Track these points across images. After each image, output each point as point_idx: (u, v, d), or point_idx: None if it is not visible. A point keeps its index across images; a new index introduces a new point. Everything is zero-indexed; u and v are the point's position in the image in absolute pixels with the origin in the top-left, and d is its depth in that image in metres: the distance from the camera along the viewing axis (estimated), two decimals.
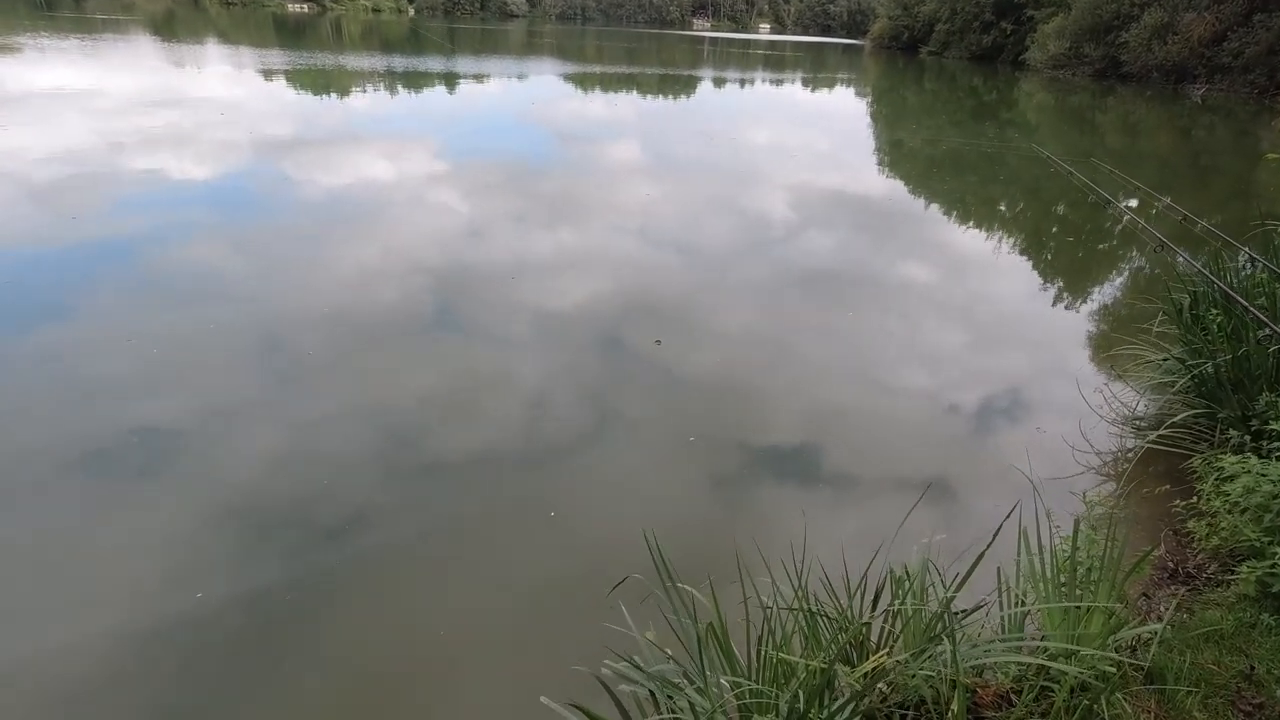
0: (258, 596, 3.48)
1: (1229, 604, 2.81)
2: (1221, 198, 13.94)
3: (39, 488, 4.16)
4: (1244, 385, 3.97)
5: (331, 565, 3.69)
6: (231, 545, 3.81)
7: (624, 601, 2.74)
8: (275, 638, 3.31)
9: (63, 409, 4.90)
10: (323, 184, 11.04)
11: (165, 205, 9.53)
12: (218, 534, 3.88)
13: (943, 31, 58.08)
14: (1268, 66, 32.01)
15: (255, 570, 3.63)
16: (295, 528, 3.94)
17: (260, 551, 3.77)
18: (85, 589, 3.55)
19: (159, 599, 3.49)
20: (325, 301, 6.84)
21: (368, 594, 3.57)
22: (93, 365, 5.49)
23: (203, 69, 25.84)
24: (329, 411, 5.05)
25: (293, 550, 3.78)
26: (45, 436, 4.59)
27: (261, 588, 3.53)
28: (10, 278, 7.03)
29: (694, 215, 10.67)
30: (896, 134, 21.72)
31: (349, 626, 3.39)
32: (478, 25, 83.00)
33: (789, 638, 2.59)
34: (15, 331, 5.96)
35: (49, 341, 5.84)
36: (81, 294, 6.75)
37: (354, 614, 3.45)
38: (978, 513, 4.21)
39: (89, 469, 4.35)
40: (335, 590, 3.56)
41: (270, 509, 4.08)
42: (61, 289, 6.83)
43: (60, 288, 6.86)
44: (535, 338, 6.40)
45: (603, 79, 32.01)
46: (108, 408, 4.97)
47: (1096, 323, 7.55)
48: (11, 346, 5.72)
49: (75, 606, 3.45)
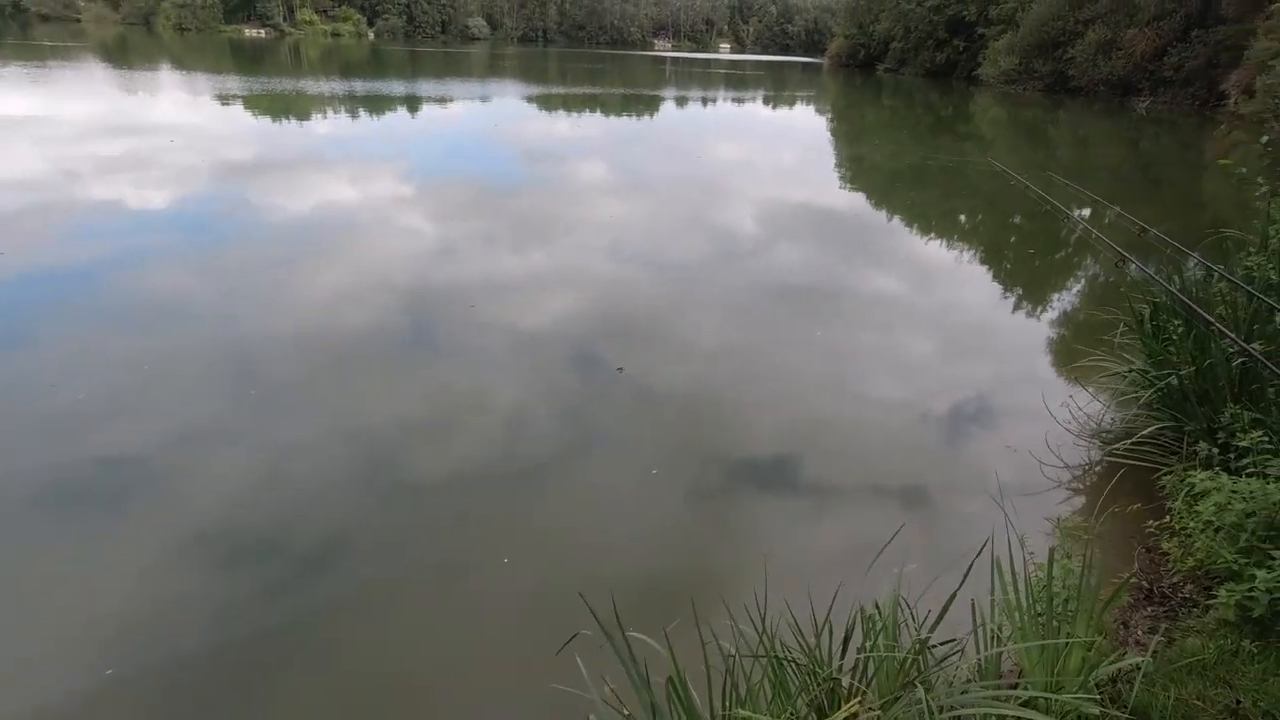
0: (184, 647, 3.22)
1: (1209, 631, 2.71)
2: (1171, 207, 14.28)
3: (6, 516, 3.94)
4: (1209, 397, 3.93)
5: (280, 613, 3.43)
6: (187, 581, 3.60)
7: (579, 655, 2.55)
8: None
9: (23, 440, 4.65)
10: (287, 208, 10.76)
11: (124, 232, 9.20)
12: (181, 566, 3.69)
13: (898, 49, 59.41)
14: (1207, 79, 33.22)
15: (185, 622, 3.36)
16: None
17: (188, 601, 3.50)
18: (47, 627, 3.32)
19: (128, 633, 3.29)
20: (291, 326, 6.61)
21: (306, 651, 3.32)
22: (53, 395, 5.20)
23: (158, 95, 25.29)
24: (288, 441, 4.82)
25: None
26: (3, 469, 4.34)
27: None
28: None
29: (662, 233, 10.59)
30: (858, 149, 22.01)
31: (287, 689, 3.13)
32: (439, 48, 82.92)
33: (754, 690, 2.42)
34: None
35: (8, 371, 5.57)
36: (39, 323, 6.47)
37: (290, 675, 3.20)
38: (949, 535, 4.09)
39: (50, 502, 4.12)
40: (275, 644, 3.31)
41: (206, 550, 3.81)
42: (19, 318, 6.55)
43: (18, 317, 6.57)
44: (503, 361, 6.21)
45: (567, 100, 32.05)
46: (69, 438, 4.72)
47: (1059, 333, 7.58)
48: None
49: (36, 644, 3.21)
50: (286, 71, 39.18)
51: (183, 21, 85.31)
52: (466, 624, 3.50)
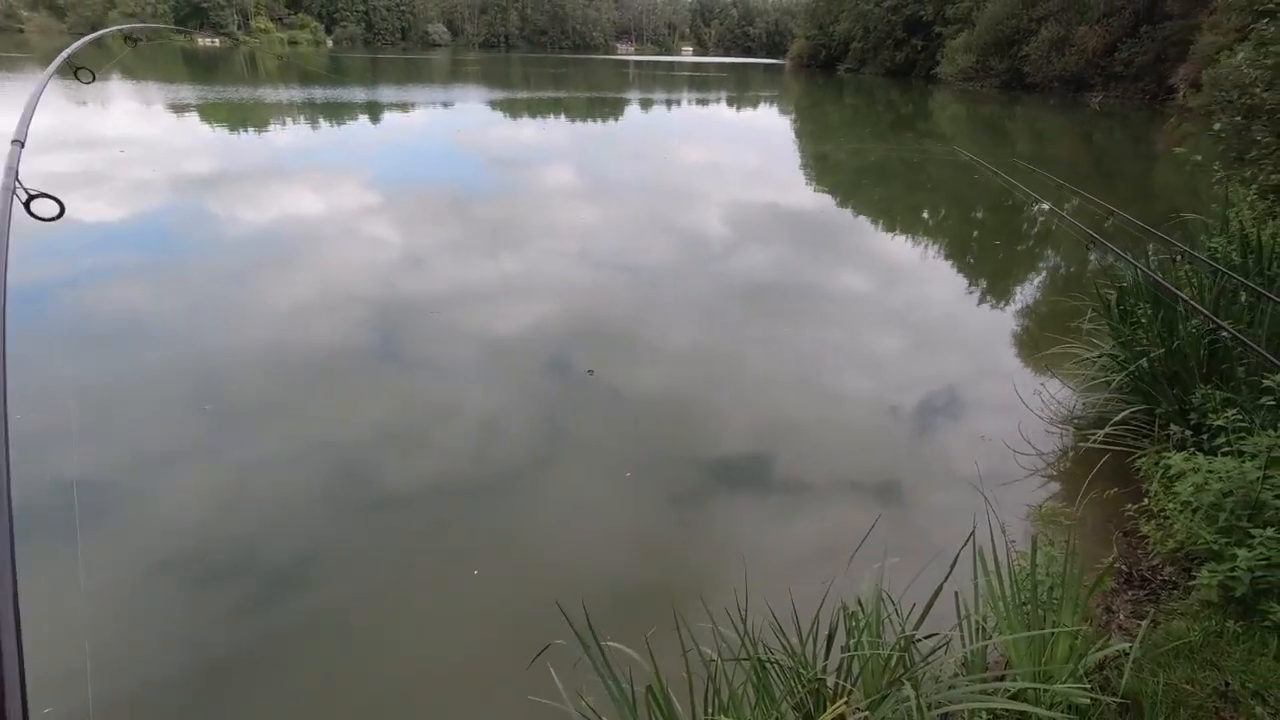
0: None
1: (1193, 613, 2.69)
2: (1127, 197, 14.57)
3: None
4: (1179, 378, 3.95)
5: (235, 637, 3.26)
6: (152, 605, 3.44)
7: (555, 667, 2.43)
8: None
9: None
10: (248, 221, 10.45)
11: (75, 250, 8.82)
12: (144, 590, 3.54)
13: (858, 49, 60.18)
14: (1156, 74, 34.15)
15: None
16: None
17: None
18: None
19: (93, 660, 3.06)
20: (254, 341, 6.40)
21: (276, 671, 3.16)
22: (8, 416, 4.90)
23: (109, 106, 24.53)
24: (252, 458, 4.64)
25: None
26: None
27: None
28: None
29: (630, 236, 10.50)
30: (822, 148, 22.17)
31: (256, 709, 2.97)
32: (400, 55, 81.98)
33: (737, 694, 2.33)
34: None
35: None
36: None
37: (259, 696, 3.03)
38: (927, 528, 4.05)
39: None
40: (244, 665, 3.14)
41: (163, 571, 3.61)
42: None
43: None
44: (472, 368, 6.07)
45: (531, 104, 31.85)
46: (25, 461, 4.42)
47: (1027, 323, 7.64)
48: None
49: None
50: (243, 80, 38.37)
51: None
52: (438, 639, 3.36)
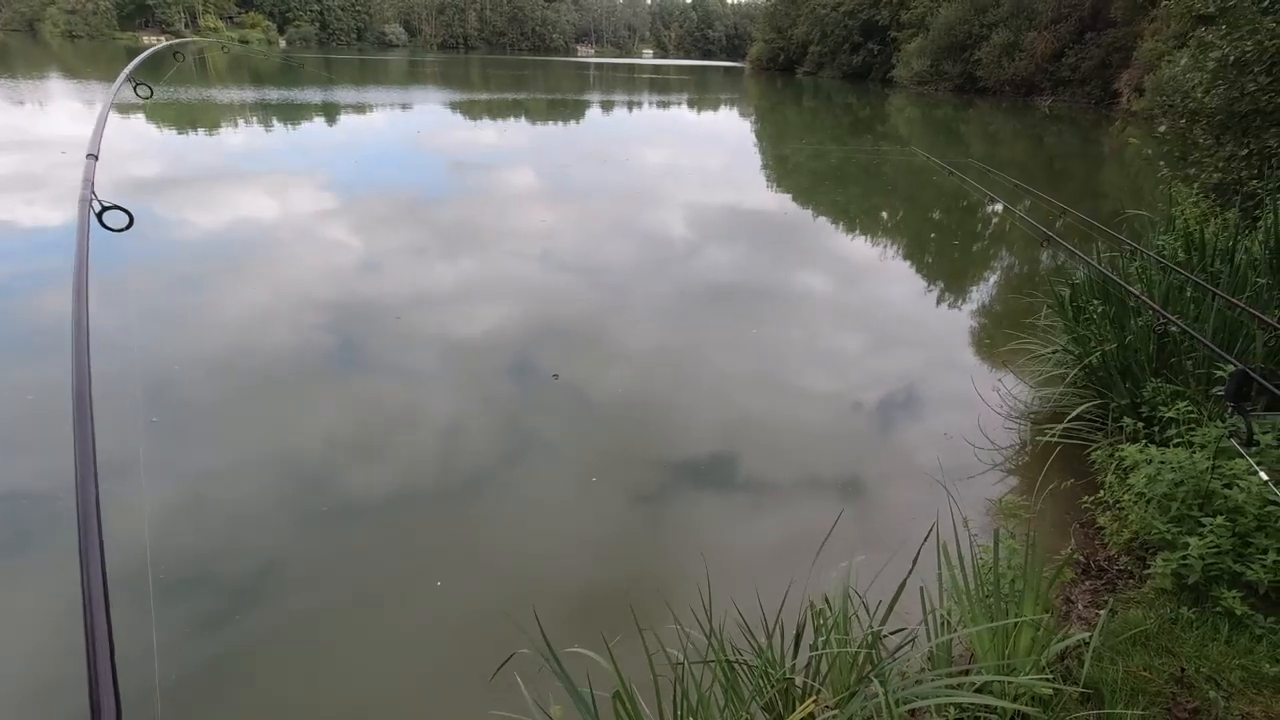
0: None
1: (1148, 600, 2.75)
2: (1075, 197, 15.02)
3: None
4: (1131, 372, 4.06)
5: (190, 656, 3.12)
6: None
7: (521, 677, 2.38)
8: None
9: None
10: (200, 225, 10.09)
11: (17, 254, 8.42)
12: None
13: (816, 53, 61.07)
14: (1101, 79, 35.35)
15: None
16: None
17: None
18: None
19: (42, 685, 3.01)
20: (207, 349, 6.18)
21: (232, 690, 3.03)
22: None
23: (47, 105, 23.59)
24: (205, 470, 4.47)
25: None
26: None
27: None
28: None
29: (593, 239, 10.44)
30: (782, 150, 22.40)
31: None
32: (355, 55, 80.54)
33: (706, 696, 2.30)
34: None
35: None
36: None
37: (204, 709, 2.91)
38: (890, 523, 4.09)
39: None
40: (197, 684, 3.01)
41: None
42: None
43: None
44: (434, 373, 5.95)
45: (491, 106, 31.56)
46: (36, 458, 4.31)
47: (983, 320, 7.80)
48: None
49: None
50: (192, 80, 37.27)
51: (73, 28, 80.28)
52: (400, 652, 3.27)
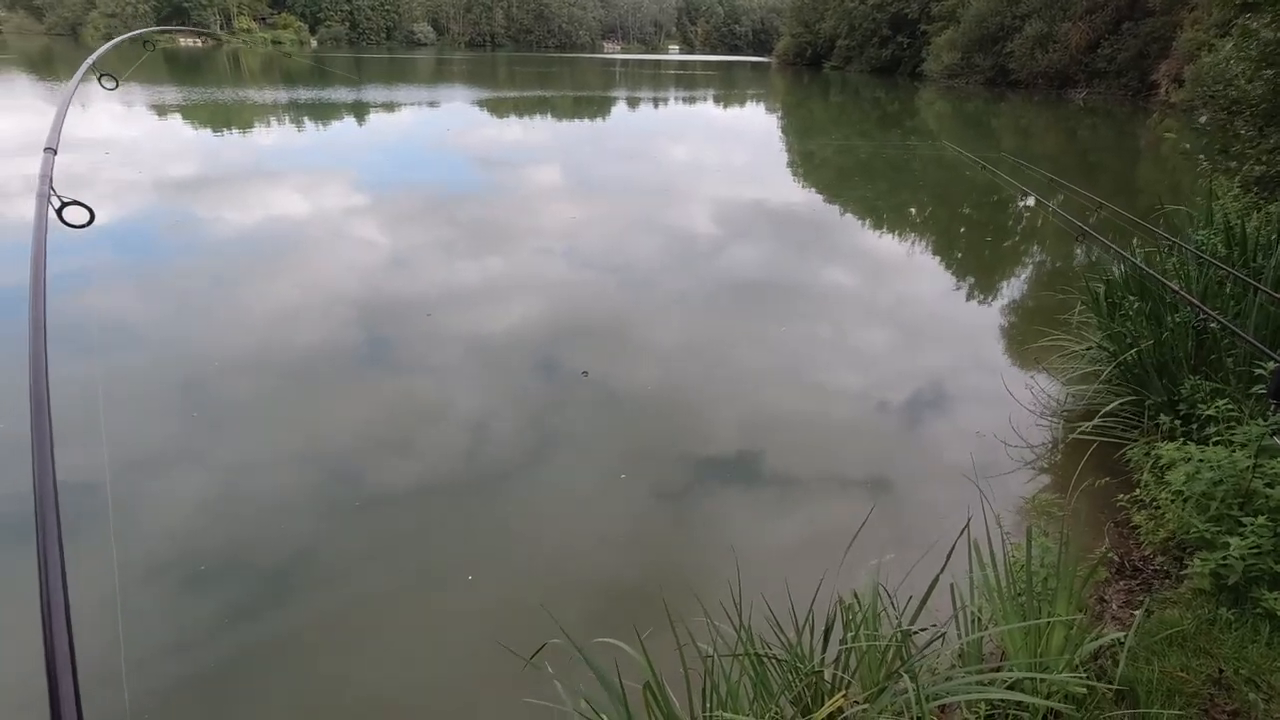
0: None
1: (1185, 601, 2.71)
2: (1111, 192, 14.71)
3: None
4: (1168, 369, 3.98)
5: (229, 645, 3.22)
6: (141, 613, 3.38)
7: (552, 666, 2.42)
8: None
9: None
10: (236, 223, 10.33)
11: (60, 252, 8.66)
12: (134, 598, 3.47)
13: (844, 47, 60.46)
14: (1139, 70, 34.51)
15: None
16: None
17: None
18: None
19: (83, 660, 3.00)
20: (243, 344, 6.33)
21: (270, 679, 3.12)
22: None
23: (90, 107, 24.23)
24: (244, 463, 4.59)
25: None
26: None
27: None
28: None
29: (619, 235, 10.47)
30: (809, 145, 22.23)
31: (242, 710, 2.93)
32: (385, 54, 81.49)
33: (735, 688, 2.32)
34: None
35: None
36: None
37: (253, 705, 2.99)
38: (921, 522, 4.06)
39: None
40: (236, 673, 3.10)
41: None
42: None
43: None
44: (465, 370, 6.02)
45: (518, 103, 31.74)
46: (10, 465, 4.34)
47: (1015, 317, 7.68)
48: None
49: None
50: (227, 81, 38.02)
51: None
52: (434, 643, 3.33)
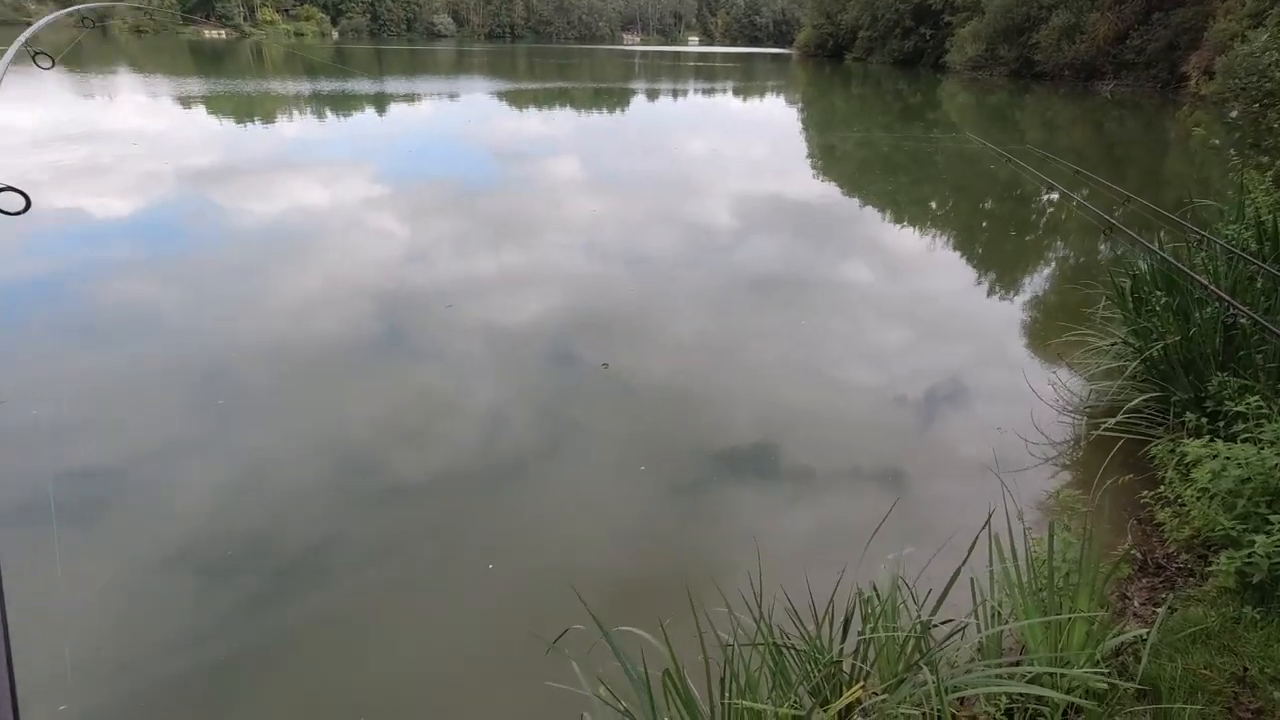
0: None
1: (1210, 599, 2.69)
2: (1138, 186, 14.45)
3: None
4: (1195, 365, 3.93)
5: (254, 631, 3.29)
6: (166, 597, 3.47)
7: (572, 653, 2.45)
8: None
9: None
10: (256, 213, 10.47)
11: (86, 241, 8.88)
12: (158, 583, 3.55)
13: (865, 38, 59.77)
14: (1168, 62, 33.77)
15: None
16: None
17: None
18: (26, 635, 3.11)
19: (107, 646, 3.18)
20: (267, 333, 6.42)
21: (293, 662, 3.18)
22: (16, 408, 4.97)
23: (116, 99, 24.60)
24: (268, 451, 4.66)
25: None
26: None
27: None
28: None
29: (639, 228, 10.48)
30: (829, 138, 22.04)
31: (260, 699, 3.00)
32: (405, 46, 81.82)
33: (754, 678, 2.34)
34: None
35: None
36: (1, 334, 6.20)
37: (264, 690, 3.06)
38: (940, 515, 4.04)
39: (17, 517, 3.96)
40: (260, 657, 3.17)
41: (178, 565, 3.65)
42: None
43: None
44: (486, 362, 6.07)
45: (537, 95, 31.76)
46: (36, 451, 4.52)
47: (1037, 311, 7.60)
48: None
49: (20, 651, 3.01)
50: (250, 73, 38.38)
51: (140, 23, 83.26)
52: (455, 629, 3.39)
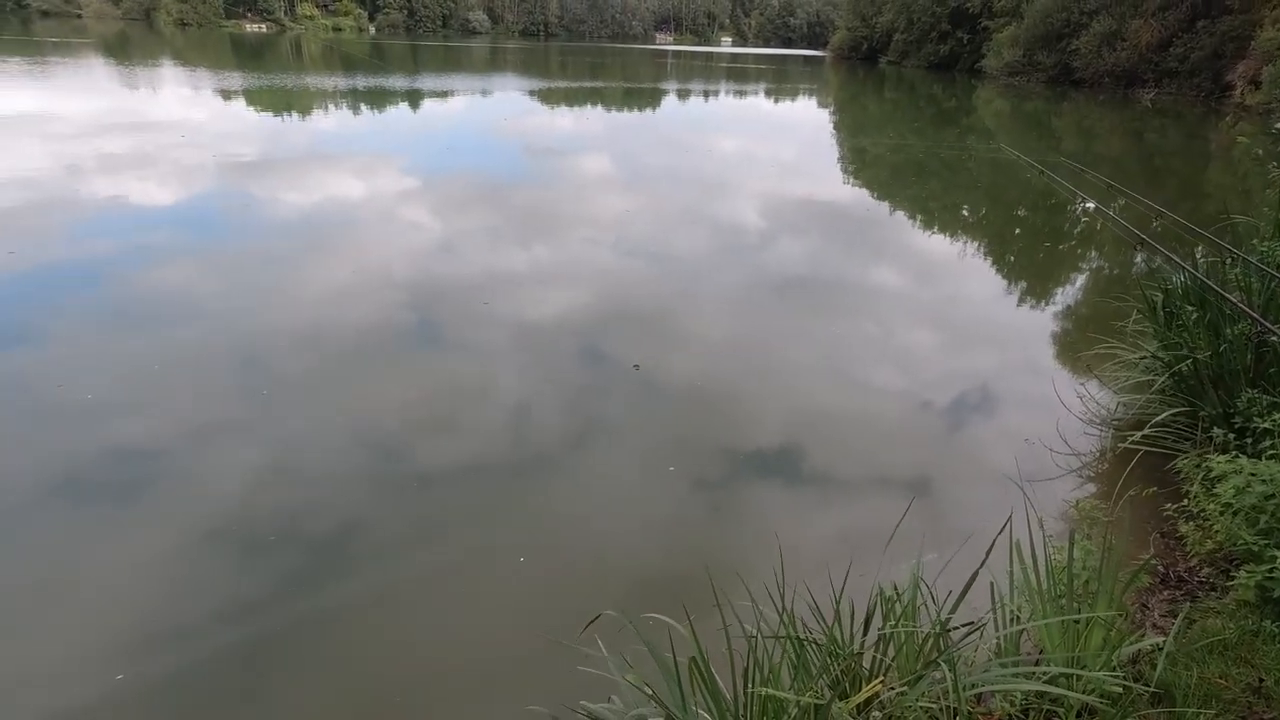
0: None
1: (1229, 612, 2.72)
2: (1176, 197, 14.22)
3: (15, 514, 3.95)
4: (1224, 381, 3.93)
5: (292, 613, 3.44)
6: (203, 581, 3.60)
7: (602, 640, 2.56)
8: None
9: (30, 437, 4.64)
10: (293, 204, 10.75)
11: (129, 229, 9.19)
12: (195, 567, 3.68)
13: (901, 41, 59.18)
14: (1212, 70, 33.04)
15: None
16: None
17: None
18: (69, 614, 3.38)
19: (148, 620, 3.34)
20: (306, 322, 6.61)
21: (321, 647, 3.30)
22: (63, 390, 5.23)
23: (160, 91, 25.26)
24: (306, 440, 4.81)
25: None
26: (18, 463, 4.36)
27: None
28: None
29: (669, 227, 10.57)
30: (860, 142, 21.94)
31: (299, 679, 3.14)
32: (440, 42, 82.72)
33: (776, 669, 2.43)
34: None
35: (17, 367, 5.59)
36: (47, 320, 6.45)
37: (302, 671, 3.20)
38: (961, 520, 4.09)
39: (66, 495, 4.14)
40: (295, 639, 3.32)
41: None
42: (26, 315, 6.52)
43: (25, 314, 6.55)
44: (512, 356, 6.18)
45: (569, 94, 31.97)
46: (80, 432, 4.73)
47: (1068, 323, 7.56)
48: None
49: (58, 632, 3.26)
50: (289, 66, 39.10)
51: (184, 16, 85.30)
52: (488, 615, 3.49)
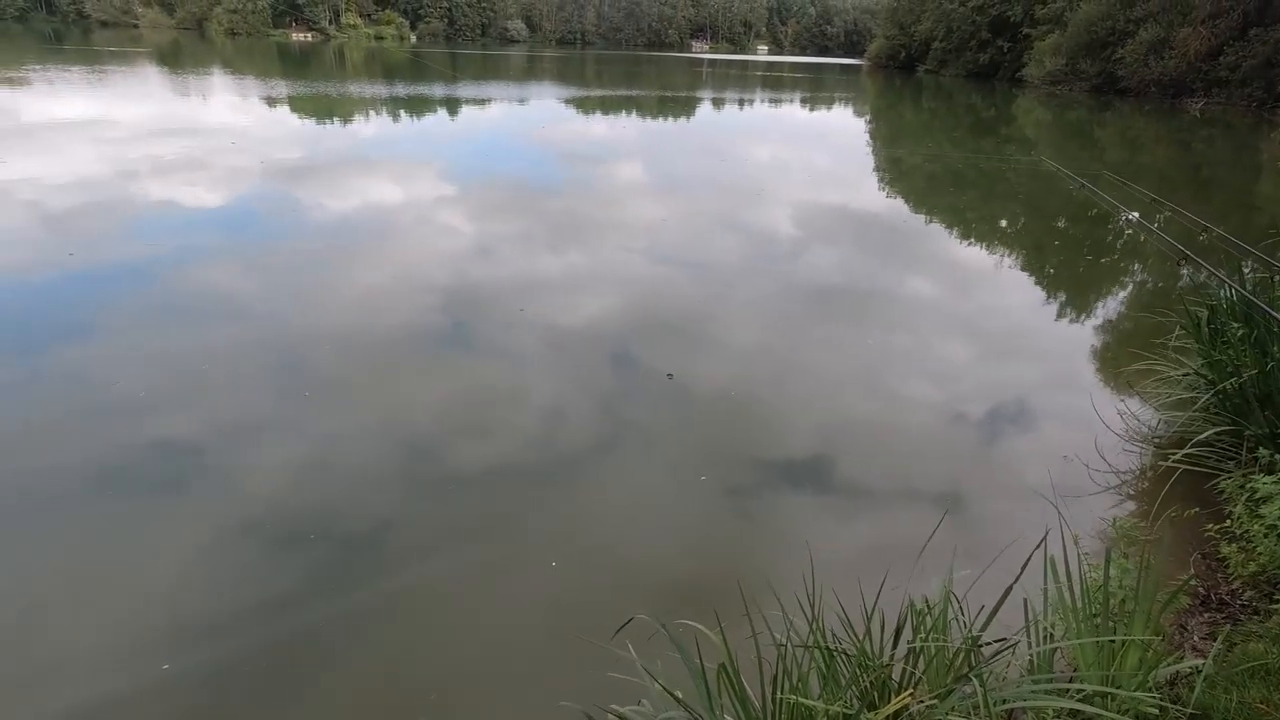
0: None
1: (1273, 635, 2.66)
2: (1224, 210, 13.84)
3: (67, 504, 4.14)
4: (1272, 401, 3.84)
5: (330, 608, 3.54)
6: (238, 580, 3.69)
7: (633, 645, 2.60)
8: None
9: (81, 433, 4.85)
10: (335, 208, 11.04)
11: (180, 230, 9.54)
12: (230, 566, 3.77)
13: (939, 50, 58.52)
14: (1265, 79, 32.09)
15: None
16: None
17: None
18: (119, 603, 3.51)
19: (184, 611, 3.45)
20: (347, 326, 6.79)
21: (359, 647, 3.38)
22: (113, 385, 5.45)
23: (210, 98, 26.10)
24: (346, 443, 4.92)
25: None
26: (72, 456, 4.56)
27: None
28: (29, 302, 7.04)
29: (702, 234, 10.61)
30: (896, 151, 21.74)
31: (336, 672, 3.22)
32: (479, 50, 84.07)
33: (805, 678, 2.44)
34: (36, 353, 5.97)
35: (69, 362, 5.84)
36: (104, 318, 6.74)
37: (339, 664, 3.28)
38: (995, 535, 4.04)
39: (116, 487, 4.33)
40: (328, 632, 3.41)
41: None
42: (85, 314, 6.81)
43: (84, 313, 6.83)
44: (545, 361, 6.26)
45: (605, 101, 32.23)
46: (132, 428, 4.93)
47: (1108, 338, 7.42)
48: (32, 367, 5.73)
49: (107, 620, 3.39)
50: (333, 75, 40.08)
51: (234, 26, 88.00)
52: (519, 616, 3.54)
